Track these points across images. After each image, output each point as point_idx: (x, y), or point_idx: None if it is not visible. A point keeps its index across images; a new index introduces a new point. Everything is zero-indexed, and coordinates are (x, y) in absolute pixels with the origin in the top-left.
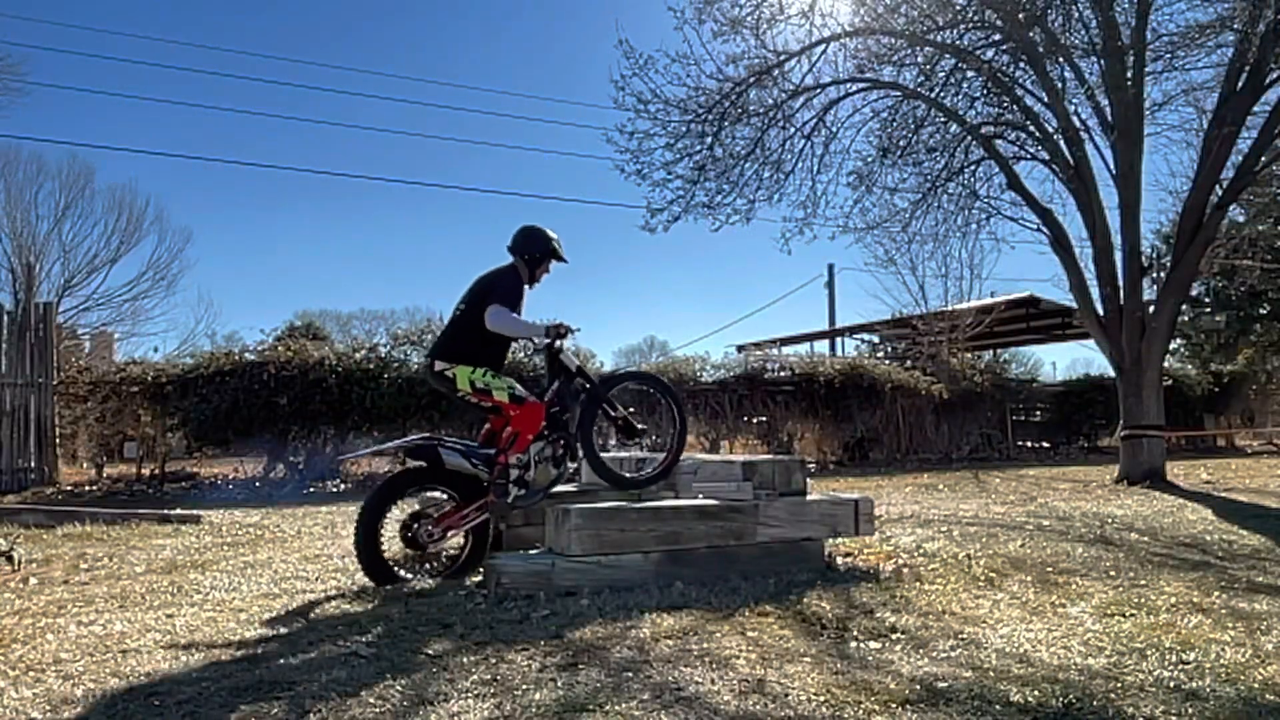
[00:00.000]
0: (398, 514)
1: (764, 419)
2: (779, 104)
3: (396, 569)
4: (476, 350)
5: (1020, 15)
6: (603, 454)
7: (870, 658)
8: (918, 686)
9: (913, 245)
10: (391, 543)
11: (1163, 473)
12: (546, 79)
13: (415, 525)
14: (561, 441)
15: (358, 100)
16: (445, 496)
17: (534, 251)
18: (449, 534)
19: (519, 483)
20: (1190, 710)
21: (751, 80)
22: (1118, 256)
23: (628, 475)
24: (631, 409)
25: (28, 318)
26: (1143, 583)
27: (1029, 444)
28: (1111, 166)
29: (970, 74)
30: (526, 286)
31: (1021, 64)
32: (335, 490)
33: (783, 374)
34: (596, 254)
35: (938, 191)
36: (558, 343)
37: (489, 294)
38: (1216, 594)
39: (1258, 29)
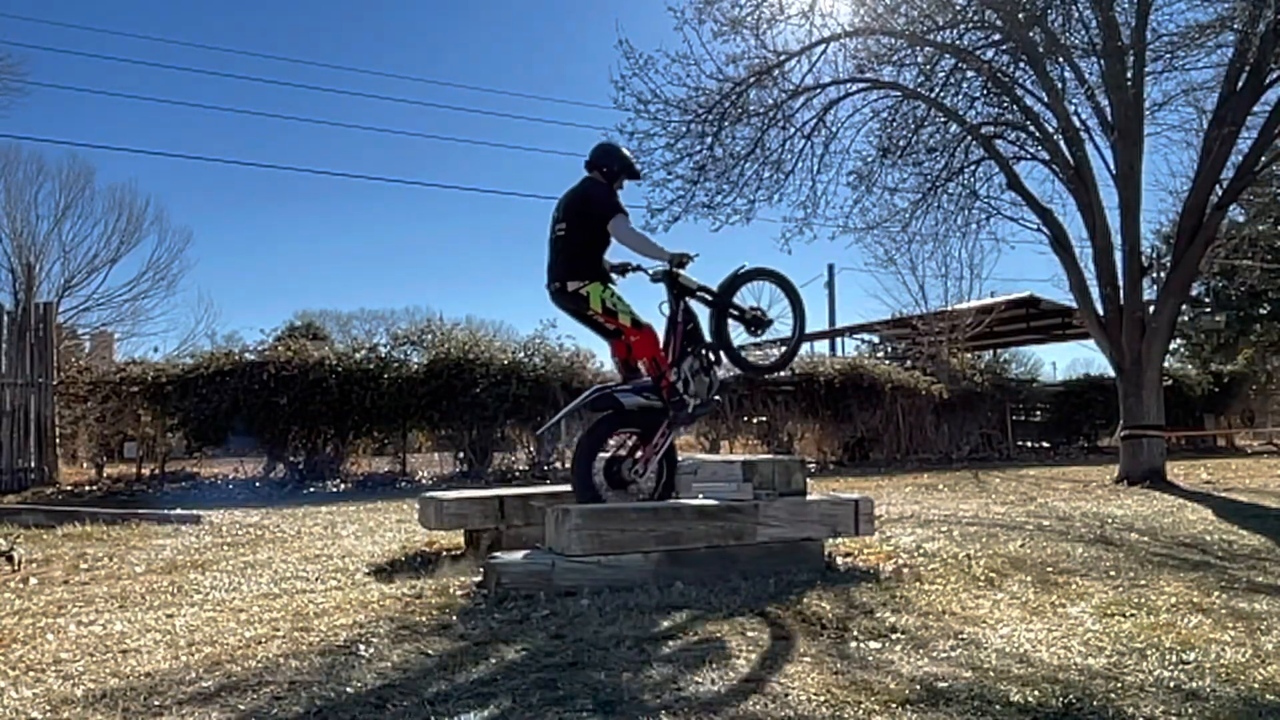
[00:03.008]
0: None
1: (764, 419)
2: (779, 104)
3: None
4: (594, 264)
5: (1020, 15)
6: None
7: (870, 658)
8: (918, 686)
9: (913, 245)
10: None
11: (1163, 473)
12: (547, 79)
13: (617, 467)
14: (704, 352)
15: (358, 100)
16: (630, 435)
17: (611, 165)
18: (649, 466)
19: (688, 394)
20: (1190, 710)
21: (751, 80)
22: (1118, 256)
23: (758, 363)
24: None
25: (28, 318)
26: (1143, 583)
27: (1029, 444)
28: (1111, 166)
29: (970, 74)
30: None
31: (1021, 64)
32: (335, 490)
33: (783, 374)
34: None
35: (938, 191)
36: (676, 269)
37: (591, 209)
38: (1216, 594)
39: (1258, 29)
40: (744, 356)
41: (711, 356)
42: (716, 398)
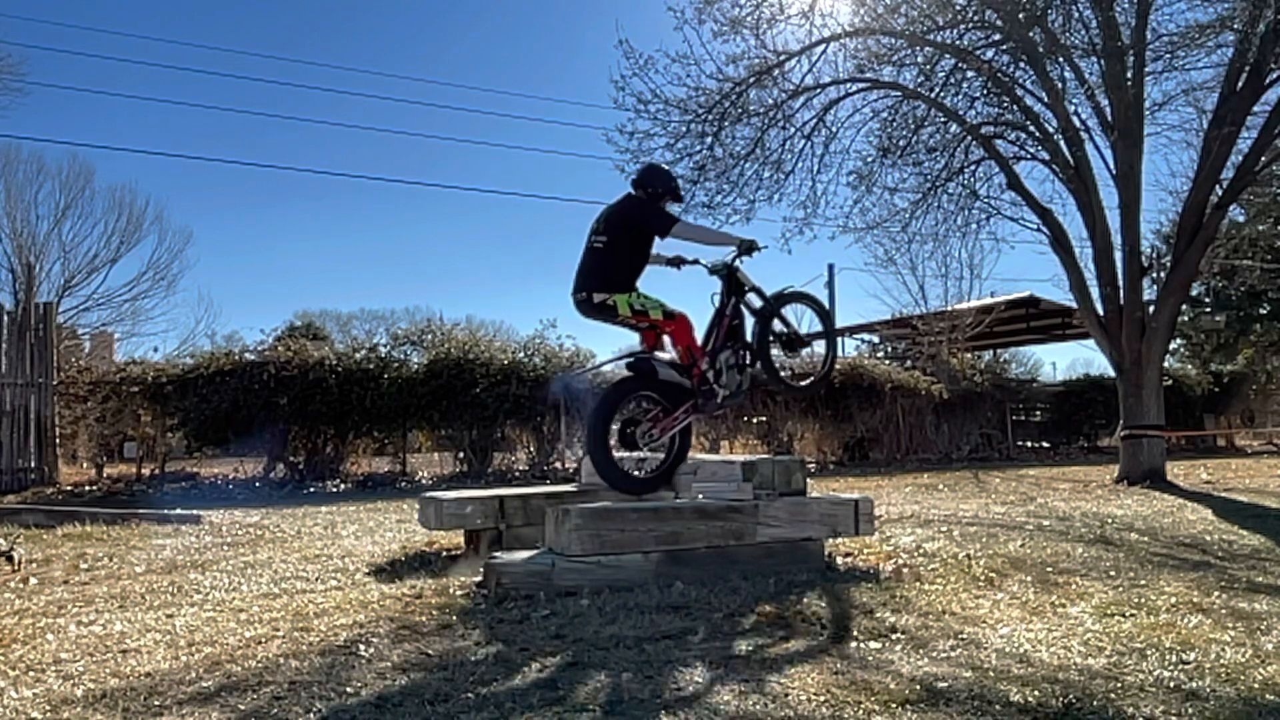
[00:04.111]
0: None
1: (764, 419)
2: (779, 104)
3: (629, 470)
4: (627, 277)
5: (1020, 15)
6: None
7: (870, 658)
8: (918, 686)
9: (913, 245)
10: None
11: (1163, 473)
12: (547, 79)
13: (632, 430)
14: (742, 350)
15: (358, 100)
16: (653, 405)
17: (657, 186)
18: (665, 435)
19: (719, 385)
20: (1190, 710)
21: (751, 80)
22: (1118, 256)
23: (788, 381)
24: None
25: (28, 318)
26: (1143, 583)
27: (1029, 444)
28: (1111, 166)
29: (970, 74)
30: None
31: (1021, 64)
32: (335, 490)
33: (783, 373)
34: None
35: (938, 191)
36: (738, 260)
37: (639, 226)
38: (1216, 594)
39: (1258, 29)
40: (776, 369)
41: (747, 357)
42: (744, 390)
